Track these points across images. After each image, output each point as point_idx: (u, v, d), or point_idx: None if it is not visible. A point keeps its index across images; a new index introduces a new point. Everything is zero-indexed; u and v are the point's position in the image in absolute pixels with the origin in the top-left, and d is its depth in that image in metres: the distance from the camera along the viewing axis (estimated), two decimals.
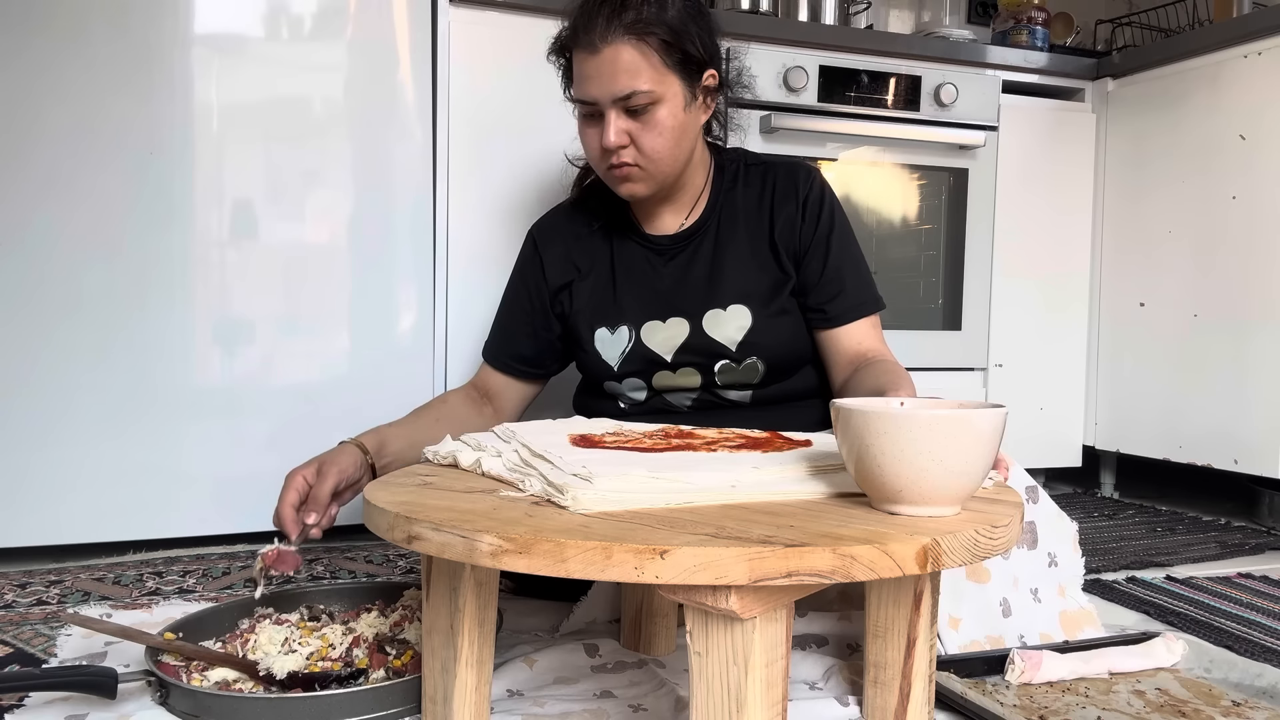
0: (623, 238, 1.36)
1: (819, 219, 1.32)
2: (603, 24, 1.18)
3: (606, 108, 1.20)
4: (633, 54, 1.18)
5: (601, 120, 1.22)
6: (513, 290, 1.42)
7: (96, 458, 1.58)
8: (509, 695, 1.01)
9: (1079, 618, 1.18)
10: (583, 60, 1.21)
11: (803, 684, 1.05)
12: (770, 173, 1.36)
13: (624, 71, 1.18)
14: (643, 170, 1.24)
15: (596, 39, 1.18)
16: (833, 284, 1.31)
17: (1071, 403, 2.35)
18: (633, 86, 1.18)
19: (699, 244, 1.34)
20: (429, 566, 0.87)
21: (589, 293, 1.35)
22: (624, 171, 1.24)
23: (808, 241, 1.32)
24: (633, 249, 1.36)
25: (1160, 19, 2.72)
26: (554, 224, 1.41)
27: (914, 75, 2.11)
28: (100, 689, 0.93)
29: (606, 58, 1.18)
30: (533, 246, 1.40)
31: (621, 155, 1.22)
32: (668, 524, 0.72)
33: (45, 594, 1.39)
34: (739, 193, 1.35)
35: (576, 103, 1.25)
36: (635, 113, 1.20)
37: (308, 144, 1.67)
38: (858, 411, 0.76)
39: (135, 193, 1.58)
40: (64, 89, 1.54)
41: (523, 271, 1.41)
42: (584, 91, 1.21)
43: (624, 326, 1.32)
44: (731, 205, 1.35)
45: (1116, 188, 2.30)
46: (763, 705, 0.71)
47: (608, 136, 1.20)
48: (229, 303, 1.64)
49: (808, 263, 1.32)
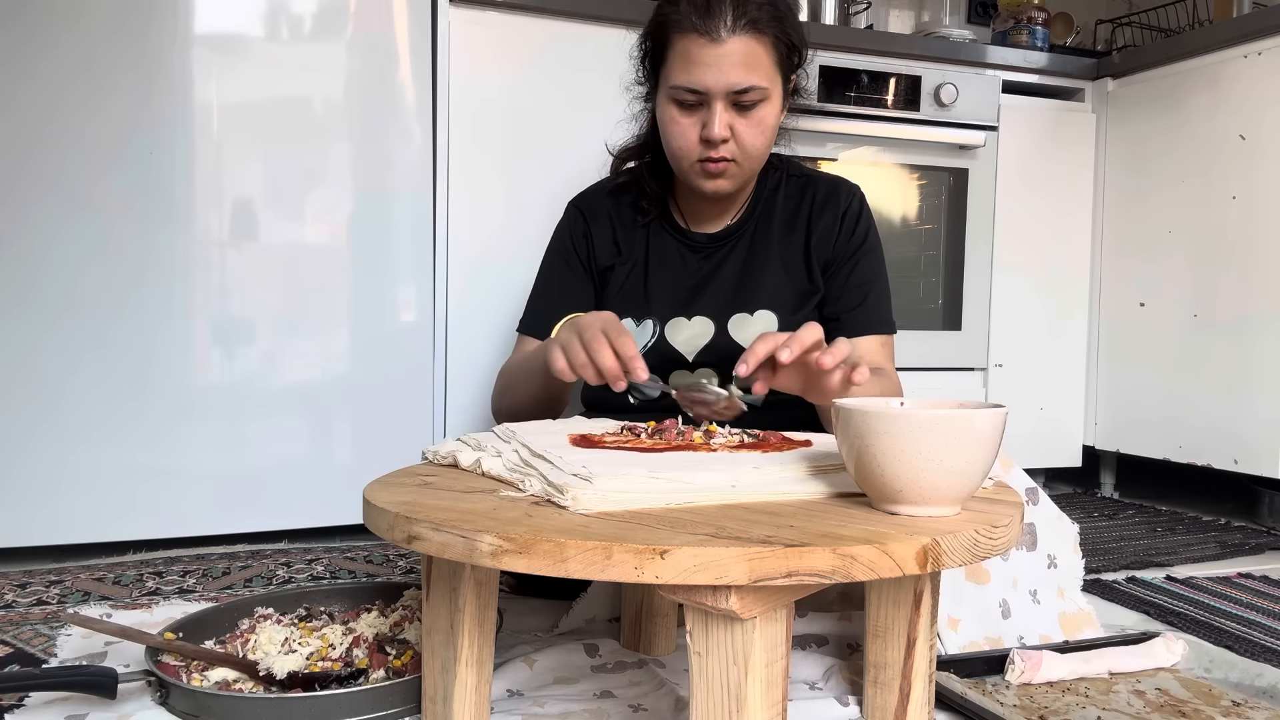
0: (659, 229, 1.36)
1: (854, 233, 1.34)
2: (729, 14, 1.16)
3: (716, 99, 1.19)
4: (755, 48, 1.18)
5: (699, 110, 1.21)
6: (559, 260, 1.38)
7: (97, 457, 1.58)
8: (509, 695, 1.01)
9: (1078, 619, 1.18)
10: (698, 47, 1.18)
11: (803, 684, 1.05)
12: (812, 185, 1.37)
13: (744, 65, 1.17)
14: (737, 166, 1.24)
15: (721, 28, 1.16)
16: (853, 297, 1.33)
17: (1071, 403, 2.35)
18: (751, 81, 1.18)
19: (733, 246, 1.35)
20: (429, 566, 0.87)
21: (622, 280, 1.35)
22: (720, 166, 1.23)
23: (840, 253, 1.34)
24: (667, 241, 1.35)
25: (1160, 19, 2.72)
26: (598, 203, 1.39)
27: (914, 75, 2.11)
28: (100, 689, 0.93)
29: (729, 49, 1.17)
30: (581, 219, 1.37)
31: (722, 150, 1.21)
32: (668, 524, 0.72)
33: (45, 594, 1.39)
34: (779, 201, 1.36)
35: (676, 90, 1.21)
36: (743, 108, 1.20)
37: (308, 144, 1.67)
38: (858, 411, 0.76)
39: (135, 193, 1.58)
40: (63, 89, 1.53)
41: (571, 242, 1.37)
42: (695, 79, 1.18)
43: (649, 320, 1.32)
44: (770, 212, 1.36)
45: (1116, 188, 2.30)
46: (763, 705, 0.71)
47: (713, 128, 1.19)
48: (229, 303, 1.64)
49: (835, 273, 1.33)
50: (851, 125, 2.06)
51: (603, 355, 1.00)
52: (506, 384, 1.35)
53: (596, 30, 1.85)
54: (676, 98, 1.22)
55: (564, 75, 1.84)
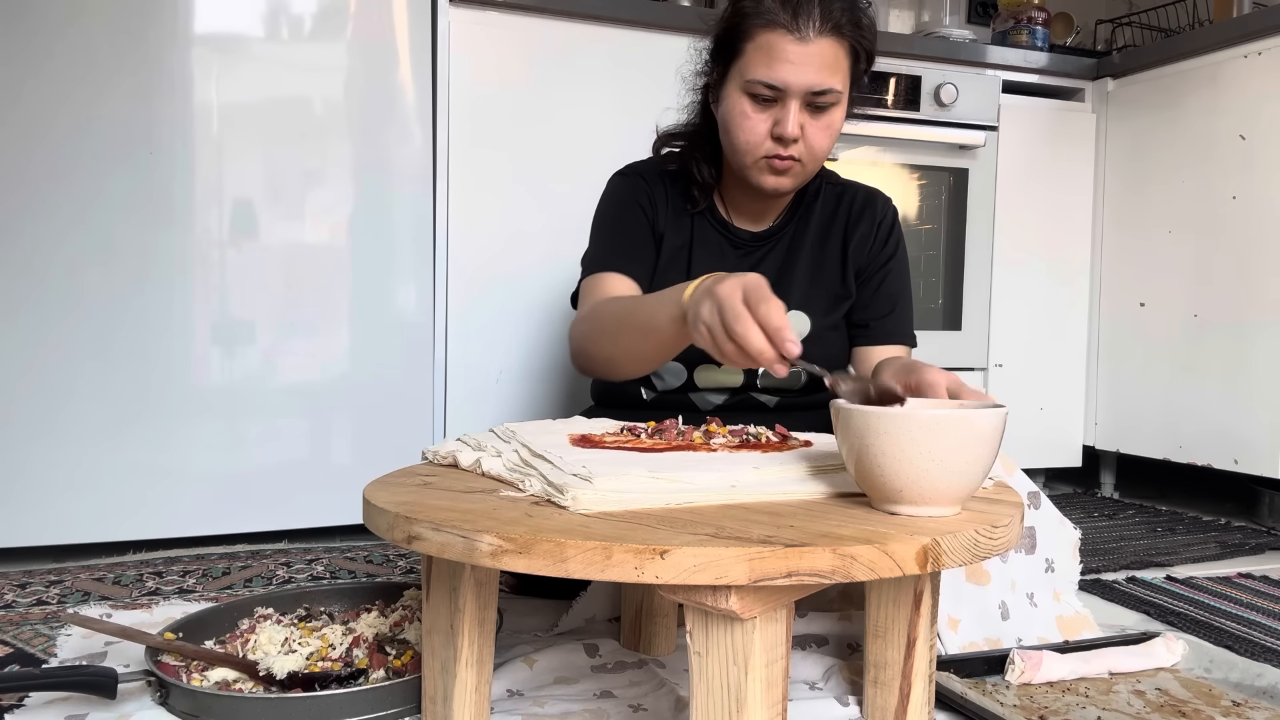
0: (703, 219, 1.36)
1: (887, 244, 1.37)
2: (819, 14, 1.17)
3: (793, 97, 1.19)
4: (837, 51, 1.19)
5: (771, 107, 1.21)
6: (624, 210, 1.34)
7: (97, 457, 1.58)
8: (509, 695, 1.00)
9: (1075, 623, 1.18)
10: (784, 43, 1.17)
11: (803, 684, 1.05)
12: (848, 194, 1.39)
13: (827, 67, 1.18)
14: (801, 166, 1.24)
15: (809, 27, 1.17)
16: (883, 305, 1.36)
17: (1071, 403, 2.35)
18: (829, 84, 1.19)
19: (773, 247, 1.36)
20: (429, 566, 0.87)
21: (666, 258, 1.34)
22: (786, 164, 1.23)
23: (873, 262, 1.36)
24: (710, 233, 1.36)
25: (1160, 19, 2.72)
26: (652, 173, 1.37)
27: (914, 75, 2.11)
28: (100, 689, 0.93)
29: (815, 49, 1.17)
30: (643, 182, 1.35)
31: (791, 148, 1.22)
32: (668, 524, 0.72)
33: (45, 594, 1.39)
34: (817, 207, 1.38)
35: (753, 83, 1.20)
36: (816, 109, 1.21)
37: (308, 144, 1.67)
38: (858, 411, 0.76)
39: (135, 193, 1.58)
40: (64, 89, 1.53)
41: (636, 199, 1.34)
42: (777, 75, 1.18)
43: None
44: (808, 217, 1.38)
45: (1116, 187, 2.30)
46: (763, 705, 0.71)
47: (789, 126, 1.19)
48: (229, 302, 1.64)
49: (866, 281, 1.36)
50: (851, 125, 2.01)
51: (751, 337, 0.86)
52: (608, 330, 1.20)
53: (596, 30, 1.85)
54: (752, 91, 1.21)
55: (564, 75, 1.84)
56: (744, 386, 1.32)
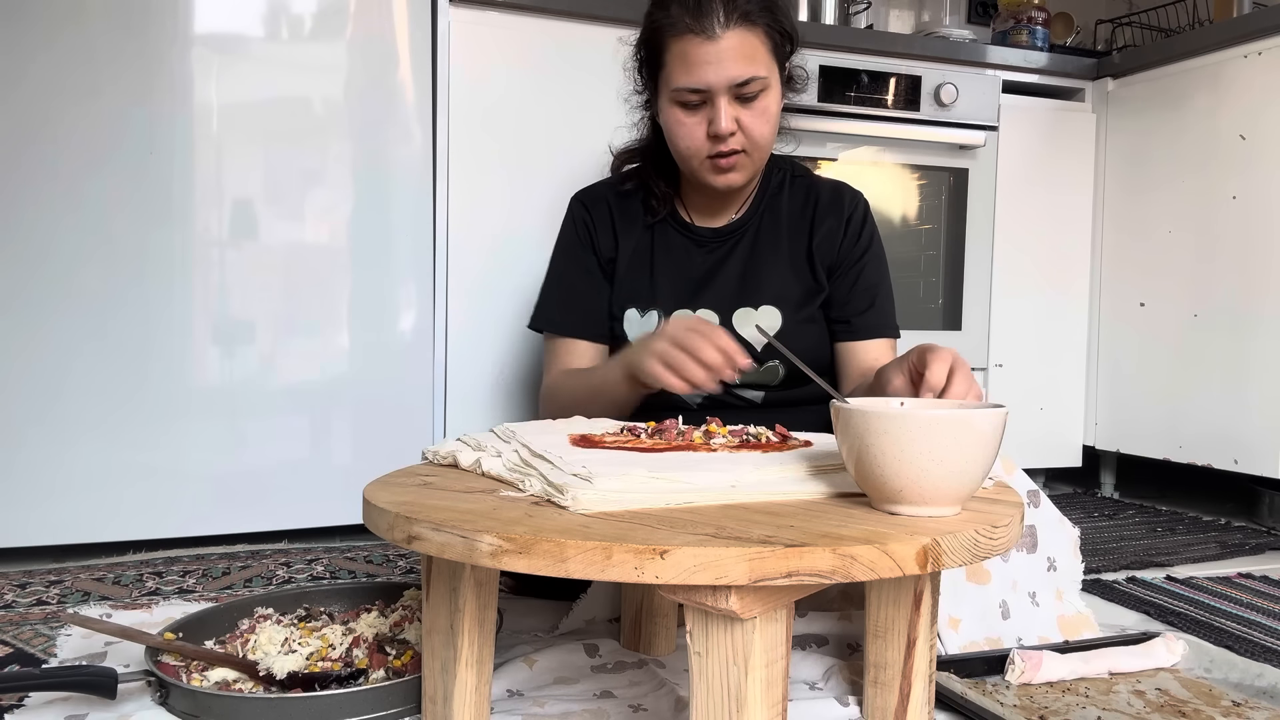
0: (663, 223, 1.37)
1: (859, 238, 1.36)
2: (721, 10, 1.18)
3: (719, 95, 1.20)
4: (750, 40, 1.20)
5: (702, 109, 1.22)
6: (569, 252, 1.39)
7: (96, 457, 1.58)
8: (509, 695, 1.00)
9: (1076, 622, 1.18)
10: (695, 47, 1.20)
11: (803, 684, 1.05)
12: (815, 187, 1.39)
13: (743, 58, 1.19)
14: (747, 157, 1.25)
15: (715, 25, 1.18)
16: (862, 300, 1.35)
17: (1071, 403, 2.35)
18: (751, 73, 1.20)
19: (738, 241, 1.36)
20: (429, 566, 0.87)
21: (625, 271, 1.36)
22: (731, 160, 1.24)
23: (845, 257, 1.36)
24: (672, 235, 1.37)
25: (1160, 19, 2.72)
26: (599, 195, 1.41)
27: (914, 75, 2.11)
28: (100, 689, 0.93)
29: (726, 44, 1.19)
30: (584, 211, 1.39)
31: (730, 142, 1.23)
32: (668, 524, 0.72)
33: (45, 594, 1.39)
34: (783, 200, 1.38)
35: (679, 92, 1.22)
36: (746, 100, 1.21)
37: (308, 144, 1.67)
38: (858, 411, 0.76)
39: (134, 192, 1.58)
40: (63, 88, 1.53)
41: (577, 236, 1.39)
42: (697, 78, 1.20)
43: (654, 311, 1.33)
44: (775, 210, 1.38)
45: (1116, 187, 2.30)
46: (763, 705, 0.71)
47: (721, 123, 1.20)
48: (228, 302, 1.64)
49: (841, 277, 1.35)
50: (851, 125, 2.06)
51: (706, 350, 1.03)
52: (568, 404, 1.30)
53: (596, 30, 1.85)
54: (680, 99, 1.23)
55: (564, 75, 1.84)
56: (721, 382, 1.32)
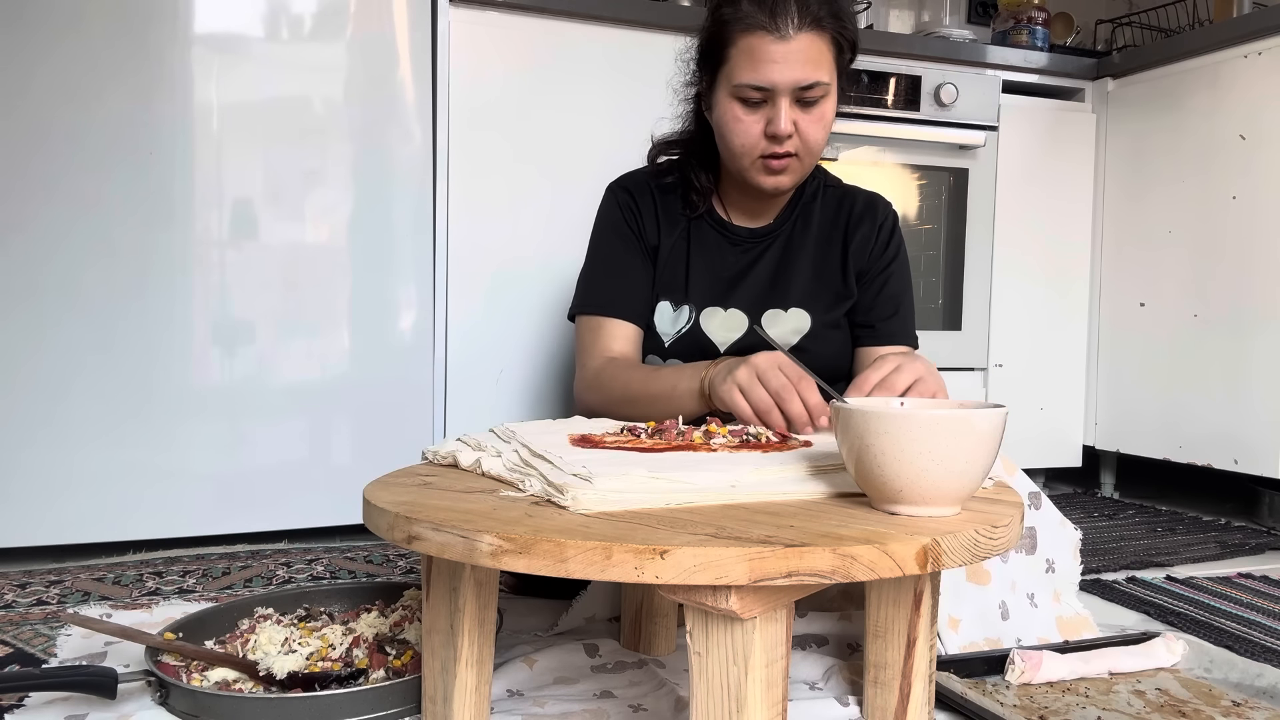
0: (700, 219, 1.37)
1: (888, 246, 1.38)
2: (796, 11, 1.18)
3: (781, 95, 1.20)
4: (819, 44, 1.20)
5: (761, 108, 1.22)
6: (613, 236, 1.37)
7: (96, 457, 1.58)
8: (509, 695, 1.00)
9: (1075, 623, 1.18)
10: (766, 44, 1.19)
11: (803, 684, 1.05)
12: (849, 197, 1.40)
13: (810, 61, 1.19)
14: (799, 161, 1.26)
15: (789, 25, 1.18)
16: (887, 307, 1.37)
17: (1071, 403, 2.35)
18: (816, 77, 1.20)
19: (771, 243, 1.37)
20: (429, 566, 0.87)
21: (663, 263, 1.36)
22: (783, 162, 1.25)
23: (874, 264, 1.37)
24: (708, 232, 1.37)
25: (1160, 19, 2.72)
26: (642, 184, 1.39)
27: (914, 75, 2.11)
28: (100, 689, 0.93)
29: (796, 46, 1.19)
30: (630, 197, 1.38)
31: (786, 145, 1.23)
32: (668, 524, 0.72)
33: (45, 594, 1.39)
34: (816, 207, 1.39)
35: (741, 87, 1.22)
36: (806, 104, 1.22)
37: (308, 144, 1.67)
38: (858, 411, 0.76)
39: (135, 193, 1.58)
40: (64, 88, 1.53)
41: (625, 219, 1.37)
42: (763, 76, 1.20)
43: (686, 307, 1.34)
44: (808, 216, 1.39)
45: (1117, 187, 2.30)
46: (763, 705, 0.71)
47: (780, 124, 1.20)
48: (229, 302, 1.64)
49: (868, 284, 1.37)
50: (852, 125, 2.06)
51: (793, 403, 1.04)
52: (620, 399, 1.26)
53: (596, 30, 1.85)
54: (741, 95, 1.23)
55: (564, 75, 1.84)
56: None
